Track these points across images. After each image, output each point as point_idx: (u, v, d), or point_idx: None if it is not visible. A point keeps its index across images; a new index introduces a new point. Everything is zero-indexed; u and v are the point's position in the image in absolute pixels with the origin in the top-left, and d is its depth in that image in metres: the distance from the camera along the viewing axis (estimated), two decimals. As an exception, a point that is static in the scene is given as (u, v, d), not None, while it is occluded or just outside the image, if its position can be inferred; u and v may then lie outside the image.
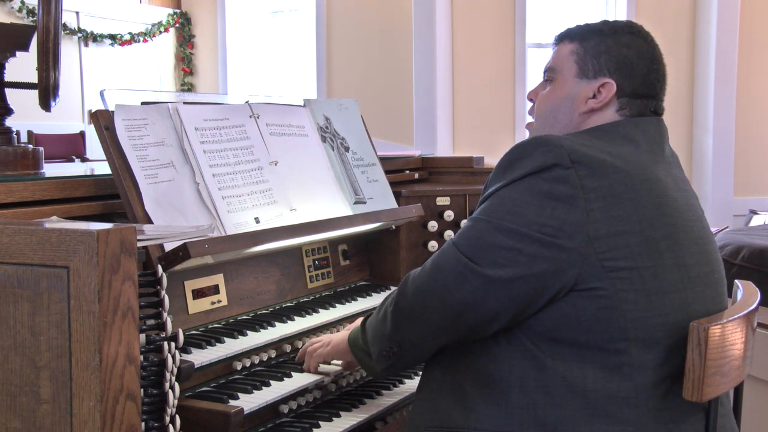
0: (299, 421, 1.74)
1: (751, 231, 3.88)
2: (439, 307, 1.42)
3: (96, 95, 8.05)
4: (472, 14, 7.14)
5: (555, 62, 1.60)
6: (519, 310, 1.37)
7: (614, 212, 1.35)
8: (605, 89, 1.53)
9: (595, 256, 1.32)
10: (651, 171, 1.43)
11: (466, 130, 7.22)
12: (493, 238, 1.37)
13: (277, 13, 9.63)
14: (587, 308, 1.34)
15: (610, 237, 1.33)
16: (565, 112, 1.56)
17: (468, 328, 1.42)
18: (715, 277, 1.48)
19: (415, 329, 1.48)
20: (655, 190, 1.41)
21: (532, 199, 1.36)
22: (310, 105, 2.29)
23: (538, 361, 1.37)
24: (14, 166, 1.88)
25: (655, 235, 1.37)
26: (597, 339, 1.34)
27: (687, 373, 1.35)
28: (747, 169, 7.09)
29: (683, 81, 7.04)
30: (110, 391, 1.12)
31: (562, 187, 1.35)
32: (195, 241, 1.61)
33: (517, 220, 1.36)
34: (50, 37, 1.83)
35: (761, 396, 2.53)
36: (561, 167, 1.35)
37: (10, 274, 1.16)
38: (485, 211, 1.41)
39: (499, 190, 1.41)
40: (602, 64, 1.53)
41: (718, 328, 1.35)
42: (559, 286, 1.34)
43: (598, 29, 1.57)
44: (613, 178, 1.37)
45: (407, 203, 2.42)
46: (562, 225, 1.33)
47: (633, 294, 1.34)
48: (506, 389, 1.38)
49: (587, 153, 1.38)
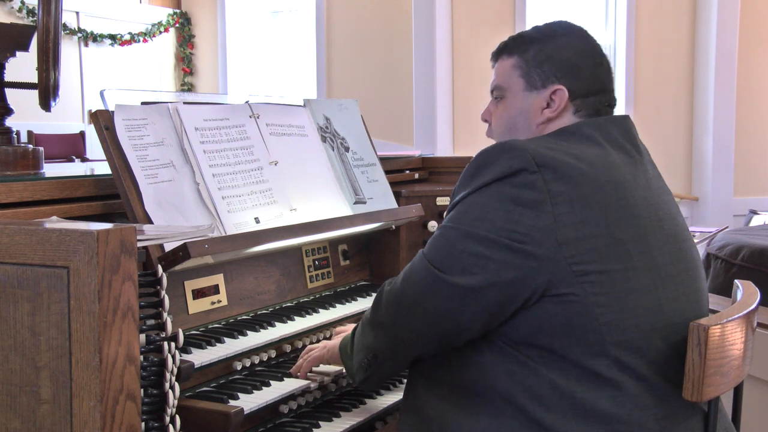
0: (299, 421, 1.74)
1: (751, 231, 3.88)
2: (411, 319, 1.42)
3: (96, 95, 8.03)
4: (472, 14, 7.14)
5: (499, 80, 1.59)
6: (491, 317, 1.37)
7: (582, 216, 1.33)
8: (557, 96, 1.52)
9: (564, 261, 1.31)
10: (618, 172, 1.41)
11: (466, 130, 7.22)
12: (462, 246, 1.36)
13: (277, 13, 9.63)
14: (560, 314, 1.33)
15: (578, 241, 1.32)
16: (523, 128, 1.55)
17: (441, 338, 1.41)
18: (690, 275, 1.47)
19: (389, 341, 1.49)
20: (623, 192, 1.39)
21: (499, 204, 1.35)
22: (310, 105, 2.29)
23: (522, 365, 1.36)
24: (14, 166, 1.88)
25: (624, 237, 1.36)
26: (573, 343, 1.33)
27: (687, 373, 1.35)
28: (747, 169, 7.09)
29: (683, 81, 7.04)
30: (110, 391, 1.12)
31: (529, 192, 1.34)
32: (195, 241, 1.61)
33: (486, 226, 1.35)
34: (50, 37, 1.83)
35: (761, 396, 2.53)
36: (527, 172, 1.34)
37: (10, 274, 1.16)
38: (453, 219, 1.40)
39: (467, 197, 1.40)
40: (547, 72, 1.53)
41: (718, 328, 1.35)
42: (529, 293, 1.33)
43: (532, 38, 1.56)
44: (580, 181, 1.35)
45: (407, 203, 2.42)
46: (530, 231, 1.32)
47: (604, 297, 1.33)
48: (494, 397, 1.37)
49: (553, 156, 1.36)
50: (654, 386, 1.36)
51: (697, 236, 4.27)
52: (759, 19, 7.06)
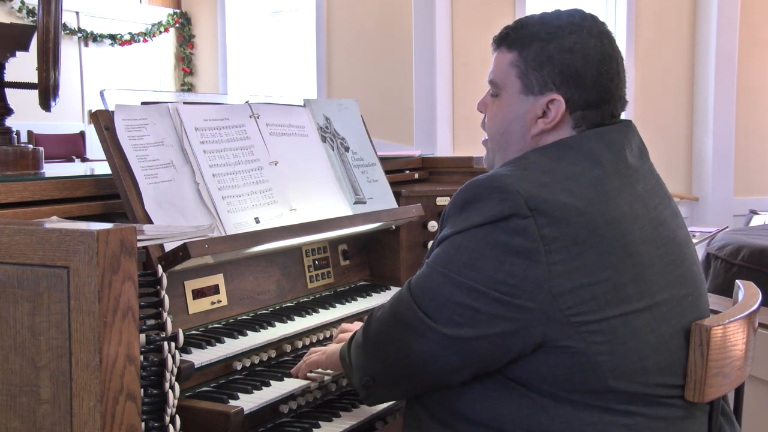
0: (299, 421, 1.74)
1: (751, 231, 3.88)
2: (400, 357, 1.37)
3: (96, 95, 8.03)
4: (472, 14, 7.14)
5: (496, 75, 1.47)
6: (482, 365, 1.31)
7: (578, 263, 1.25)
8: (554, 107, 1.40)
9: (560, 313, 1.25)
10: (616, 204, 1.32)
11: (466, 130, 7.22)
12: (449, 295, 1.29)
13: (277, 13, 9.63)
14: (560, 364, 1.27)
15: (574, 291, 1.25)
16: (516, 136, 1.46)
17: (431, 379, 1.36)
18: (690, 301, 1.39)
19: (381, 370, 1.44)
20: (621, 229, 1.31)
21: (489, 251, 1.27)
22: (310, 105, 2.29)
23: (526, 398, 1.31)
24: (14, 166, 1.88)
25: (623, 280, 1.28)
26: (576, 388, 1.28)
27: (689, 374, 1.34)
28: (747, 169, 7.09)
29: (683, 81, 7.04)
30: (110, 391, 1.12)
31: (520, 240, 1.25)
32: (195, 241, 1.61)
33: (475, 276, 1.27)
34: (50, 37, 1.83)
35: (762, 396, 2.52)
36: (518, 217, 1.26)
37: (10, 274, 1.16)
38: (441, 261, 1.33)
39: (455, 235, 1.32)
40: (546, 77, 1.40)
41: (720, 329, 1.35)
42: (523, 345, 1.27)
43: (536, 33, 1.42)
44: (576, 224, 1.27)
45: (407, 203, 2.42)
46: (522, 283, 1.25)
47: (606, 346, 1.26)
48: (499, 427, 1.32)
49: (546, 198, 1.27)
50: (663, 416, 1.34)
51: (697, 236, 4.28)
52: (759, 19, 7.07)
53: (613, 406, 1.29)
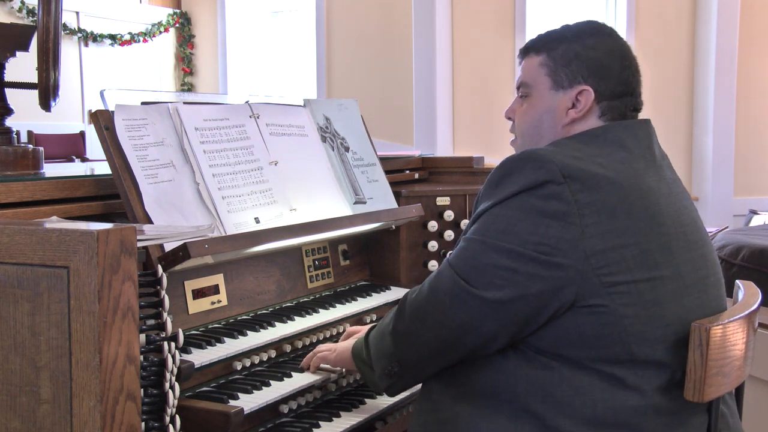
0: (299, 421, 1.74)
1: (751, 231, 3.88)
2: (438, 330, 1.41)
3: (96, 95, 8.02)
4: (472, 14, 7.14)
5: (526, 77, 1.57)
6: (518, 329, 1.36)
7: (609, 226, 1.32)
8: (583, 97, 1.50)
9: (592, 272, 1.31)
10: (643, 180, 1.41)
11: (466, 130, 7.22)
12: (488, 259, 1.35)
13: (277, 13, 9.63)
14: (588, 324, 1.32)
15: (606, 252, 1.31)
16: (548, 127, 1.54)
17: (467, 350, 1.40)
18: (711, 280, 1.46)
19: (414, 351, 1.47)
20: (648, 200, 1.38)
21: (525, 217, 1.33)
22: (310, 105, 2.29)
23: (545, 369, 1.35)
24: (14, 166, 1.88)
25: (650, 246, 1.35)
26: (600, 353, 1.33)
27: (688, 374, 1.35)
28: (747, 169, 7.09)
29: (683, 81, 7.04)
30: (110, 391, 1.12)
31: (555, 204, 1.32)
32: (195, 241, 1.61)
33: (512, 239, 1.33)
34: (50, 37, 1.83)
35: (762, 396, 2.53)
36: (553, 183, 1.33)
37: (10, 274, 1.16)
38: (479, 231, 1.39)
39: (492, 207, 1.38)
40: (575, 71, 1.50)
41: (720, 329, 1.35)
42: (558, 305, 1.32)
43: (561, 36, 1.54)
44: (607, 191, 1.34)
45: (407, 203, 2.42)
46: (558, 243, 1.31)
47: (632, 308, 1.32)
48: (512, 399, 1.36)
49: (579, 166, 1.35)
50: (670, 391, 1.36)
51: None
52: (759, 19, 7.07)
53: (630, 382, 1.33)
